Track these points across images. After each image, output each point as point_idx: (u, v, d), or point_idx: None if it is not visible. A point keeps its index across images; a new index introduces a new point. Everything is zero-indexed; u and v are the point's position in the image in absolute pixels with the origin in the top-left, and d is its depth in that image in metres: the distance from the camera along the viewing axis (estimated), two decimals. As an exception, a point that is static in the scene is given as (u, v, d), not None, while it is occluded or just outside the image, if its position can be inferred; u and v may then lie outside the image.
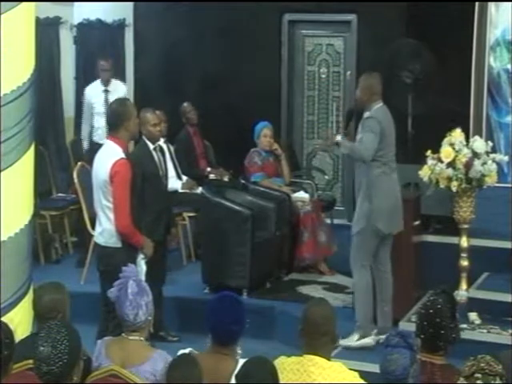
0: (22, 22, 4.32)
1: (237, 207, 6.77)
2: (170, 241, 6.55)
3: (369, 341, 5.65)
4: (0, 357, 3.16)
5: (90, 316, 5.56)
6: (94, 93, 8.13)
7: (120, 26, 9.33)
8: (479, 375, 2.99)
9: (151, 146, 6.01)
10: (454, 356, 3.55)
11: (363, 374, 3.59)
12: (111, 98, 7.45)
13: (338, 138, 5.71)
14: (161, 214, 5.96)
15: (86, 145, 8.17)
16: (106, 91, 8.09)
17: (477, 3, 7.72)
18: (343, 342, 5.61)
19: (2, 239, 4.26)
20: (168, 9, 9.12)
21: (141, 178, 5.54)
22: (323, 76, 9.29)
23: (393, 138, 5.70)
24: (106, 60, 8.13)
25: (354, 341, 5.68)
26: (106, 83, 8.13)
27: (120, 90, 8.14)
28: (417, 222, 6.28)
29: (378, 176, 5.58)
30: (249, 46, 9.06)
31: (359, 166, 5.71)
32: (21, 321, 4.19)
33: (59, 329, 2.96)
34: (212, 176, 8.13)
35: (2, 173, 4.26)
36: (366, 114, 5.66)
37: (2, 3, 4.20)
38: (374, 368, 3.57)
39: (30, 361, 3.18)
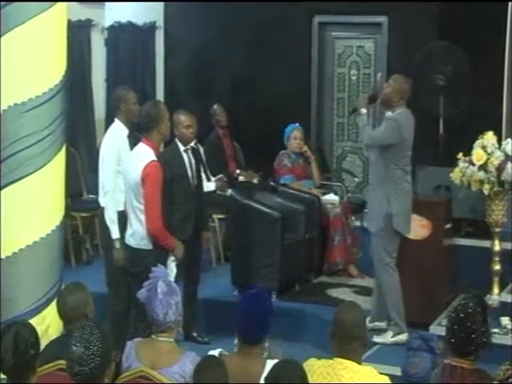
0: (53, 25, 4.37)
1: (266, 209, 6.76)
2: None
3: (403, 338, 5.65)
4: (28, 357, 3.19)
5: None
6: None
7: (150, 28, 9.39)
8: (514, 380, 2.96)
9: (182, 148, 6.02)
10: (485, 361, 3.49)
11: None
12: None
13: (363, 110, 5.76)
14: (188, 215, 5.95)
15: None
16: None
17: (510, 4, 7.64)
18: (378, 339, 5.69)
19: (33, 240, 4.30)
20: (198, 11, 9.15)
21: (169, 178, 5.55)
22: (353, 78, 9.25)
23: (411, 142, 5.72)
24: None
25: (388, 338, 5.71)
26: None
27: None
28: (448, 225, 6.23)
29: (398, 179, 5.61)
30: (279, 47, 9.05)
31: (375, 165, 5.74)
32: (52, 321, 4.23)
33: (92, 330, 2.98)
34: (241, 178, 8.12)
35: (33, 174, 4.30)
36: (389, 115, 5.70)
37: (35, 5, 4.24)
38: (395, 371, 3.56)
39: (62, 361, 3.20)
